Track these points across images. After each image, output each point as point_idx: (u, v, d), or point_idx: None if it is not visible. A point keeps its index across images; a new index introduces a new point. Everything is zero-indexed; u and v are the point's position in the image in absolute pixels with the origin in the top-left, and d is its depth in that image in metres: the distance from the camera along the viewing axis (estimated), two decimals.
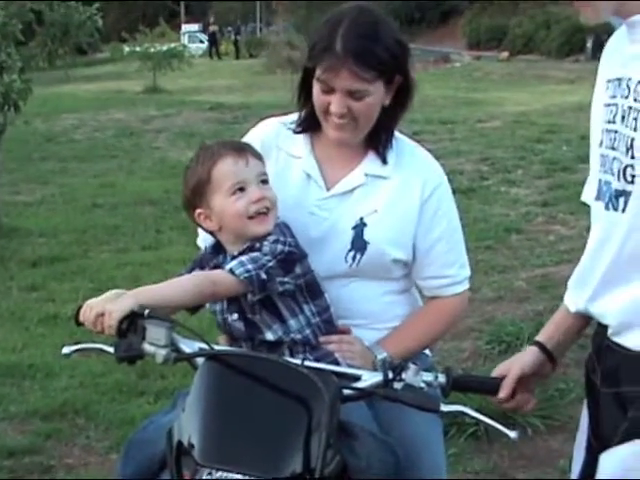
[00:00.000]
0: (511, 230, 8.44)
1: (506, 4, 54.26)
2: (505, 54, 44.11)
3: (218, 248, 2.37)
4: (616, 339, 1.97)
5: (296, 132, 2.51)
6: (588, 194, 2.16)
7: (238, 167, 2.27)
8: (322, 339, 2.32)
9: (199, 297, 2.17)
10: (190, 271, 2.38)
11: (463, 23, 55.51)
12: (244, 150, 2.31)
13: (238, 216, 2.27)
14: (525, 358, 2.20)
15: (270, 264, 2.18)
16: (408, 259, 2.49)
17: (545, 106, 20.25)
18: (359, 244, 2.43)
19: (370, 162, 2.48)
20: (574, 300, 2.12)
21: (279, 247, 2.21)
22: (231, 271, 2.15)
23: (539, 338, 2.23)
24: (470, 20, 54.62)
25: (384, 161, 2.47)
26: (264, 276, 2.16)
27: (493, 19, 52.46)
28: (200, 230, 2.48)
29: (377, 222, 2.43)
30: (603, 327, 2.01)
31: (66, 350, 2.28)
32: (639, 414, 1.88)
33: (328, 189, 2.48)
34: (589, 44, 42.06)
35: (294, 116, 2.54)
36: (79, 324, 2.11)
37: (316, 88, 2.37)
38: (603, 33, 42.72)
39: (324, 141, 2.50)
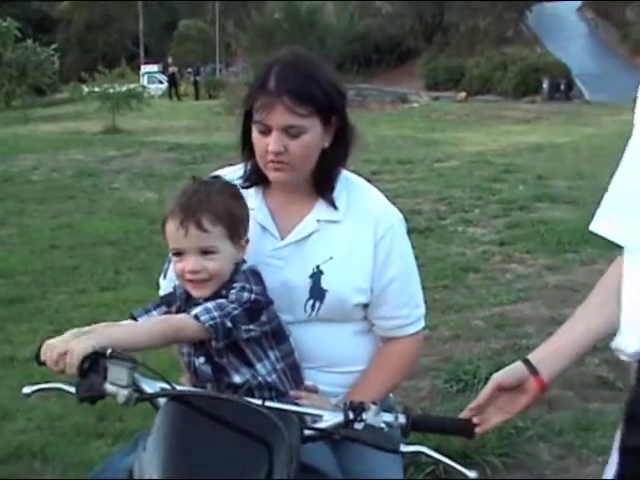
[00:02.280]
0: (468, 269, 8.49)
1: (463, 45, 55.00)
2: (462, 95, 44.63)
3: None
4: None
5: (243, 187, 2.49)
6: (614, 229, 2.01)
7: (178, 234, 2.25)
8: (292, 393, 2.34)
9: (162, 341, 2.16)
10: (156, 307, 2.40)
11: (420, 64, 56.08)
12: (193, 215, 2.23)
13: (177, 276, 2.32)
14: (506, 369, 2.19)
15: (236, 312, 2.19)
16: (369, 301, 2.50)
17: (502, 146, 20.48)
18: (317, 292, 2.43)
19: (321, 208, 2.49)
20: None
21: (245, 295, 2.22)
22: (196, 317, 2.16)
23: (528, 356, 2.20)
24: (427, 61, 55.25)
25: (334, 205, 2.48)
26: (229, 324, 2.17)
27: (450, 60, 53.11)
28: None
29: (334, 269, 2.44)
30: None
31: (27, 390, 2.27)
32: None
33: (282, 238, 2.48)
34: (545, 85, 42.63)
35: (241, 169, 2.56)
36: (40, 364, 2.11)
37: (255, 132, 2.38)
38: (559, 74, 43.42)
39: (274, 191, 2.52)
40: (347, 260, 2.45)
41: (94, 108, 29.54)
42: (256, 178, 2.51)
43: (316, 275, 2.43)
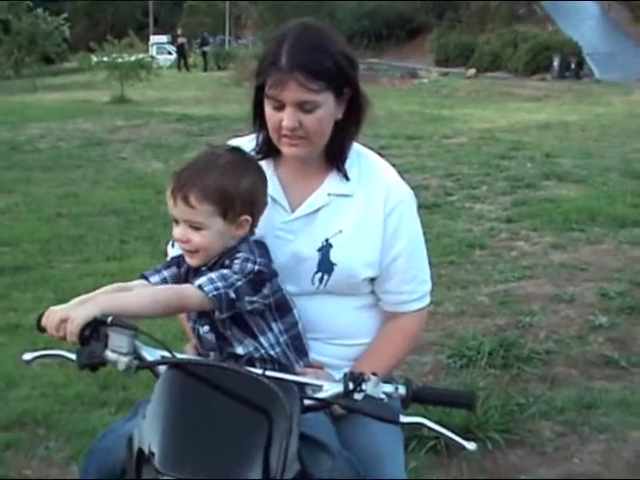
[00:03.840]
0: (474, 245, 8.48)
1: (474, 22, 54.69)
2: (472, 71, 44.38)
3: None
4: None
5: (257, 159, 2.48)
6: None
7: (170, 202, 2.27)
8: (298, 370, 2.34)
9: (165, 310, 2.16)
10: (167, 267, 2.40)
11: (431, 40, 55.78)
12: (182, 189, 2.24)
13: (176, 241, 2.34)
14: None
15: (239, 283, 2.19)
16: (377, 275, 2.50)
17: (510, 123, 20.40)
18: (326, 266, 2.43)
19: (332, 181, 2.48)
20: None
21: (249, 266, 2.21)
22: (200, 287, 2.15)
23: None
24: (438, 37, 54.89)
25: (346, 178, 2.47)
26: (233, 295, 2.17)
27: (461, 36, 52.79)
28: None
29: (343, 242, 2.43)
30: None
31: (27, 356, 2.27)
32: None
33: (293, 211, 2.48)
34: (556, 63, 42.43)
35: (253, 140, 2.54)
36: (41, 330, 2.11)
37: (268, 107, 2.36)
38: (570, 53, 43.20)
39: (286, 163, 2.50)
40: (356, 234, 2.45)
41: (102, 78, 29.51)
42: (267, 150, 2.50)
43: (325, 248, 2.43)
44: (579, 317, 6.18)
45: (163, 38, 62.16)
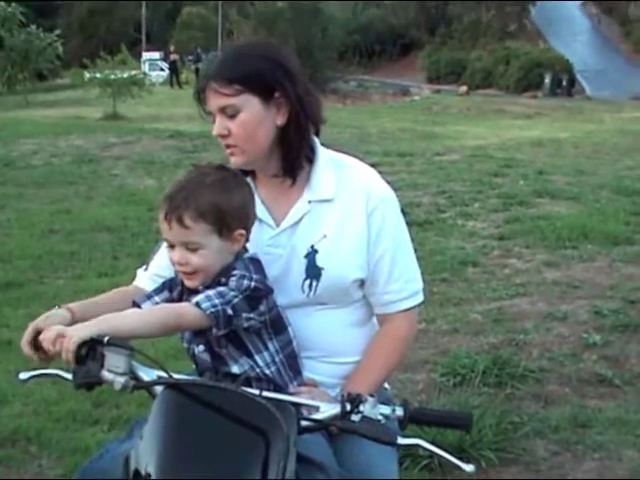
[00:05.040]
0: (467, 263, 8.47)
1: (466, 38, 54.94)
2: (464, 88, 44.59)
3: None
4: None
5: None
6: None
7: (164, 226, 2.27)
8: (292, 389, 2.33)
9: (163, 329, 2.14)
10: (158, 293, 2.39)
11: (423, 56, 56.03)
12: (176, 211, 2.23)
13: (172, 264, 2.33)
14: None
15: (236, 300, 2.18)
16: (366, 277, 2.49)
17: (502, 140, 20.47)
18: (313, 271, 2.43)
19: (311, 189, 2.48)
20: None
21: (245, 283, 2.21)
22: (197, 305, 2.14)
23: None
24: (430, 54, 55.20)
25: (322, 184, 2.48)
26: (230, 312, 2.16)
27: (453, 53, 53.05)
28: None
29: (328, 247, 2.44)
30: None
31: (23, 376, 2.26)
32: None
33: (278, 226, 2.49)
34: (547, 80, 42.63)
35: None
36: (36, 349, 2.11)
37: None
38: (561, 70, 43.42)
39: (264, 180, 2.52)
40: (341, 237, 2.45)
41: (95, 94, 29.48)
42: (243, 170, 2.49)
43: (311, 254, 2.44)
44: (572, 335, 6.17)
45: (155, 54, 62.20)
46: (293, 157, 2.46)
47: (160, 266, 2.53)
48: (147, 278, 2.59)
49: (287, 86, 2.39)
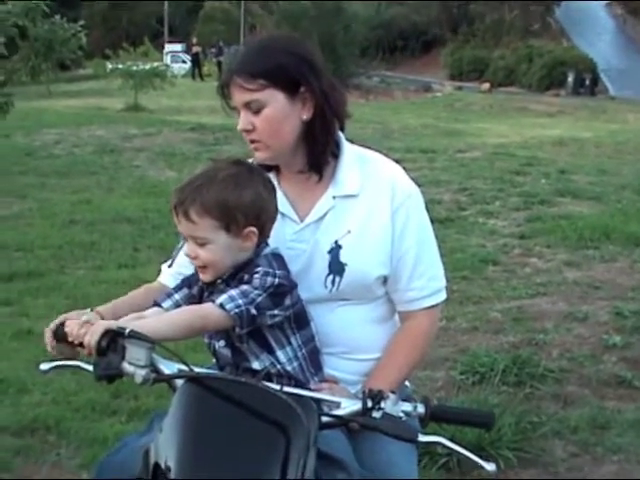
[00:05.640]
0: (487, 261, 8.44)
1: (489, 37, 54.75)
2: (486, 85, 44.46)
3: None
4: None
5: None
6: None
7: (175, 220, 2.27)
8: (313, 386, 2.31)
9: (188, 331, 2.13)
10: (178, 290, 2.37)
11: (445, 53, 55.90)
12: (183, 205, 2.23)
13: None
14: None
15: (260, 299, 2.16)
16: (389, 273, 2.47)
17: (525, 139, 20.40)
18: (336, 267, 2.41)
19: (336, 184, 2.46)
20: None
21: (269, 280, 2.19)
22: (221, 306, 2.13)
23: None
24: (452, 51, 55.04)
25: (346, 179, 2.46)
26: (254, 311, 2.15)
27: (475, 51, 52.89)
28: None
29: (352, 243, 2.42)
30: None
31: (44, 367, 2.26)
32: None
33: (302, 221, 2.47)
34: (570, 79, 42.43)
35: None
36: (58, 340, 2.11)
37: None
38: (584, 69, 43.22)
39: (288, 175, 2.50)
40: (365, 233, 2.43)
41: (117, 85, 29.58)
42: (267, 165, 2.48)
43: (335, 250, 2.42)
44: (592, 336, 6.14)
45: (178, 47, 62.30)
46: (319, 152, 2.44)
47: (182, 264, 2.52)
48: (170, 275, 2.59)
49: (312, 81, 2.37)
